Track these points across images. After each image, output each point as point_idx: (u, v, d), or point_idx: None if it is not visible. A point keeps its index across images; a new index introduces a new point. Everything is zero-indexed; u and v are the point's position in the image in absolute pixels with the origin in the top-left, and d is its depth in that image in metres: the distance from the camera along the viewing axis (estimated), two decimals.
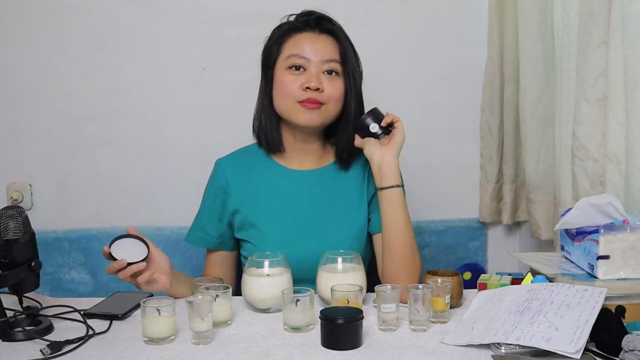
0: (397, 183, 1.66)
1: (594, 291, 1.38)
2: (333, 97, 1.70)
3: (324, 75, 1.70)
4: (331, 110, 1.72)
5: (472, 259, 2.62)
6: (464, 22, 2.50)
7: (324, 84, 1.69)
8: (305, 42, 1.71)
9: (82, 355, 1.32)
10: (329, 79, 1.70)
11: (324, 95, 1.69)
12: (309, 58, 1.69)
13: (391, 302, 1.42)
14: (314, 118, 1.69)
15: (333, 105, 1.71)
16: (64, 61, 2.45)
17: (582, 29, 1.80)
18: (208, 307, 1.36)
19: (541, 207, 2.27)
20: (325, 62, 1.70)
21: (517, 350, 1.29)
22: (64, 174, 2.51)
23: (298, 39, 1.72)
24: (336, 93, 1.71)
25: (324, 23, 1.74)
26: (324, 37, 1.73)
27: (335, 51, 1.72)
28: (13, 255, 1.39)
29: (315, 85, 1.67)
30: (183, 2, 2.45)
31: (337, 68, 1.71)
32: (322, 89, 1.68)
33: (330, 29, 1.74)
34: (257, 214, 1.75)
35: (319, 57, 1.70)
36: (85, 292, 2.52)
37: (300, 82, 1.68)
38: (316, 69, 1.69)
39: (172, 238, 2.53)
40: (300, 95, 1.68)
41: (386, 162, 1.65)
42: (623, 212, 1.52)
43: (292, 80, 1.69)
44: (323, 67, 1.70)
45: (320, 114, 1.70)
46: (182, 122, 2.49)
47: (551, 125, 2.18)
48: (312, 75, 1.69)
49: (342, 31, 1.76)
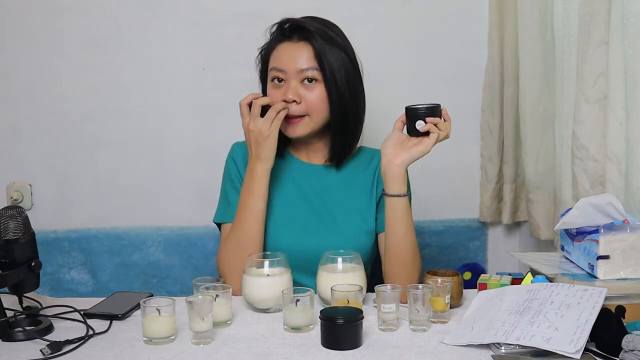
0: (401, 192, 1.63)
1: (594, 291, 1.38)
2: (313, 105, 1.69)
3: (303, 84, 1.69)
4: (316, 118, 1.71)
5: (472, 259, 2.61)
6: (464, 22, 2.50)
7: (302, 93, 1.69)
8: (282, 53, 1.71)
9: (82, 355, 1.32)
10: (308, 87, 1.69)
11: (301, 107, 1.69)
12: (285, 70, 1.69)
13: (391, 302, 1.42)
14: (298, 131, 1.71)
15: (316, 114, 1.70)
16: (64, 61, 2.45)
17: (582, 29, 1.80)
18: (208, 307, 1.36)
19: (541, 207, 2.27)
20: (300, 71, 1.68)
21: (517, 350, 1.29)
22: (64, 174, 2.51)
23: (278, 51, 1.73)
24: (316, 101, 1.69)
25: (299, 30, 1.71)
26: (299, 45, 1.70)
27: (311, 57, 1.69)
28: (13, 255, 1.39)
29: (291, 97, 1.67)
30: (183, 2, 2.45)
31: (316, 75, 1.69)
32: (299, 101, 1.68)
33: (305, 36, 1.70)
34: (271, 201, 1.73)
35: (293, 67, 1.68)
36: (85, 292, 2.52)
37: (281, 93, 1.69)
38: (294, 80, 1.69)
39: (172, 238, 2.53)
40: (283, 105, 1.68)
41: (391, 169, 1.62)
42: (623, 212, 1.52)
43: (275, 92, 1.71)
44: (300, 76, 1.69)
45: (304, 125, 1.70)
46: (182, 122, 2.49)
47: (551, 125, 2.19)
48: (289, 87, 1.68)
49: (321, 33, 1.70)
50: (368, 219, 1.76)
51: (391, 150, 1.63)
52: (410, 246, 1.66)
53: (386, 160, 1.63)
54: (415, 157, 1.62)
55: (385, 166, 1.63)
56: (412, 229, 1.66)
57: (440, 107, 1.63)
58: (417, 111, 1.60)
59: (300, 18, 1.74)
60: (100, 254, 2.53)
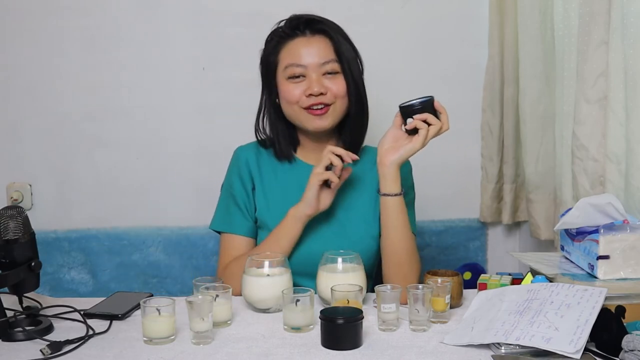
0: (392, 192, 1.63)
1: (594, 291, 1.38)
2: (339, 95, 1.70)
3: (325, 76, 1.70)
4: (339, 109, 1.71)
5: (472, 259, 2.62)
6: (464, 22, 2.50)
7: (327, 84, 1.69)
8: (300, 48, 1.70)
9: (82, 355, 1.32)
10: (331, 78, 1.70)
11: (329, 97, 1.69)
12: (306, 64, 1.69)
13: (391, 302, 1.42)
14: (323, 123, 1.70)
15: (340, 103, 1.71)
16: (64, 61, 2.45)
17: (582, 29, 1.80)
18: (208, 307, 1.36)
19: (541, 207, 2.27)
20: (323, 64, 1.69)
21: (517, 350, 1.29)
22: (64, 174, 2.51)
23: (292, 47, 1.71)
24: (340, 91, 1.70)
25: (314, 24, 1.72)
26: (316, 39, 1.71)
27: (330, 50, 1.70)
28: (13, 255, 1.39)
29: (318, 90, 1.67)
30: (183, 2, 2.45)
31: (336, 67, 1.70)
32: (325, 92, 1.68)
33: (321, 29, 1.72)
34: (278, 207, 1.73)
35: (315, 60, 1.69)
36: (85, 292, 2.52)
37: (302, 89, 1.68)
38: (316, 74, 1.69)
39: (172, 238, 2.53)
40: (305, 102, 1.68)
41: (382, 167, 1.63)
42: (623, 212, 1.52)
43: (294, 88, 1.69)
44: (322, 69, 1.69)
45: (329, 117, 1.70)
46: (182, 122, 2.49)
47: (551, 125, 2.19)
48: (312, 80, 1.68)
49: (334, 27, 1.73)
50: (374, 223, 1.75)
51: (384, 149, 1.63)
52: (405, 246, 1.65)
53: (379, 159, 1.64)
54: (405, 156, 1.61)
55: (378, 165, 1.64)
56: (406, 230, 1.65)
57: (433, 99, 1.61)
58: (407, 109, 1.59)
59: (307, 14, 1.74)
60: (100, 254, 2.53)
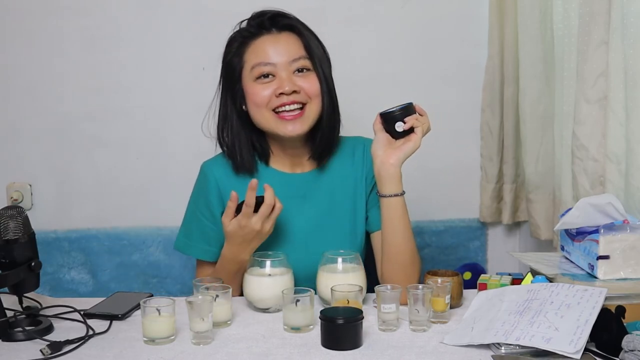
0: (396, 192, 1.60)
1: (594, 291, 1.38)
2: (312, 93, 1.63)
3: (296, 74, 1.62)
4: (314, 109, 1.64)
5: (472, 259, 2.62)
6: (464, 22, 2.50)
7: (299, 83, 1.61)
8: (267, 46, 1.62)
9: (82, 355, 1.32)
10: (302, 76, 1.63)
11: (303, 96, 1.62)
12: (275, 62, 1.60)
13: (391, 302, 1.42)
14: (297, 128, 1.62)
15: (315, 102, 1.64)
16: (64, 61, 2.45)
17: (582, 29, 1.80)
18: (208, 307, 1.36)
19: (541, 207, 2.27)
20: (292, 61, 1.61)
21: (517, 350, 1.29)
22: (64, 174, 2.51)
23: (258, 45, 1.63)
24: (314, 89, 1.63)
25: (280, 20, 1.64)
26: (284, 35, 1.63)
27: (300, 47, 1.63)
28: (13, 255, 1.39)
29: (289, 88, 1.59)
30: (183, 2, 2.45)
31: (307, 64, 1.63)
32: (298, 90, 1.61)
33: (288, 24, 1.64)
34: None
35: (284, 58, 1.61)
36: (85, 292, 2.52)
37: (272, 88, 1.60)
38: (286, 72, 1.61)
39: (172, 238, 2.50)
40: (275, 102, 1.61)
41: (385, 168, 1.59)
42: (623, 212, 1.52)
43: (262, 89, 1.61)
44: (292, 67, 1.61)
45: (304, 120, 1.63)
46: (182, 122, 2.49)
47: (551, 125, 2.19)
48: (283, 79, 1.60)
49: (301, 23, 1.66)
50: (357, 221, 1.73)
51: (382, 152, 1.59)
52: (410, 247, 1.63)
53: (379, 162, 1.59)
54: (408, 154, 1.59)
55: (380, 167, 1.60)
56: (409, 230, 1.63)
57: (412, 105, 1.61)
58: (393, 114, 1.59)
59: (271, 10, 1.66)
60: (100, 254, 2.53)
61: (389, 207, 1.61)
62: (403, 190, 1.62)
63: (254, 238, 1.58)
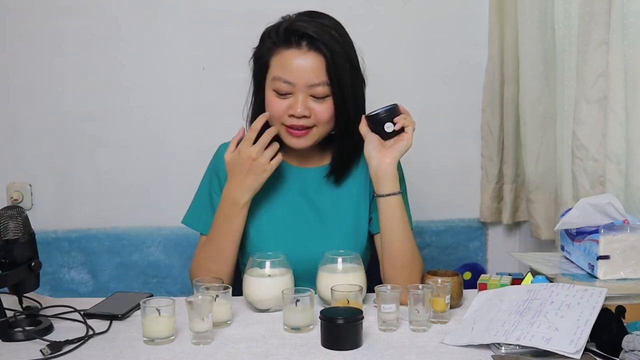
0: (394, 191, 1.61)
1: (594, 291, 1.38)
2: (321, 120, 1.64)
3: (311, 98, 1.63)
4: (320, 132, 1.66)
5: (472, 259, 2.62)
6: (464, 22, 2.50)
7: (312, 106, 1.63)
8: (291, 63, 1.61)
9: (82, 355, 1.32)
10: (317, 102, 1.64)
11: (311, 120, 1.64)
12: (294, 82, 1.61)
13: (391, 302, 1.42)
14: (301, 143, 1.66)
15: (322, 127, 1.66)
16: (64, 61, 2.45)
17: (582, 29, 1.80)
18: (208, 307, 1.36)
19: (541, 207, 2.27)
20: (311, 86, 1.61)
21: (517, 350, 1.29)
22: (64, 174, 2.51)
23: (284, 58, 1.62)
24: (324, 116, 1.64)
25: (312, 40, 1.61)
26: (310, 56, 1.61)
27: (322, 72, 1.61)
28: (13, 255, 1.39)
29: (301, 113, 1.61)
30: (183, 2, 2.45)
31: (325, 91, 1.63)
32: (309, 115, 1.63)
33: (314, 44, 1.61)
34: (258, 207, 1.71)
35: (303, 81, 1.61)
36: (85, 292, 2.52)
37: (287, 105, 1.62)
38: (303, 94, 1.61)
39: (172, 238, 2.53)
40: (287, 120, 1.63)
41: (383, 168, 1.60)
42: (623, 212, 1.52)
43: (278, 102, 1.63)
44: (309, 91, 1.61)
45: (308, 138, 1.66)
46: (182, 122, 2.49)
47: (551, 125, 2.19)
48: (298, 101, 1.61)
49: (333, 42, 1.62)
50: (361, 221, 1.74)
51: (376, 152, 1.61)
52: (409, 246, 1.64)
53: (375, 162, 1.61)
54: (403, 152, 1.62)
55: (377, 168, 1.61)
56: (408, 228, 1.64)
57: (397, 106, 1.63)
58: (380, 116, 1.61)
59: (304, 19, 1.65)
60: (100, 254, 2.53)
61: (387, 206, 1.62)
62: (400, 190, 1.63)
63: (249, 170, 1.62)
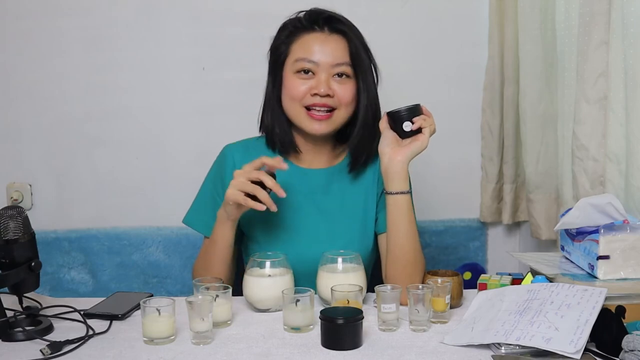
0: (403, 189, 1.61)
1: (594, 291, 1.38)
2: (344, 101, 1.65)
3: (334, 78, 1.65)
4: (342, 115, 1.67)
5: (472, 259, 2.62)
6: (464, 22, 2.50)
7: (335, 87, 1.65)
8: (314, 44, 1.65)
9: (82, 355, 1.32)
10: (340, 82, 1.65)
11: (334, 100, 1.65)
12: (318, 62, 1.63)
13: (391, 302, 1.42)
14: (323, 128, 1.65)
15: (344, 110, 1.67)
16: (64, 61, 2.45)
17: (582, 29, 1.80)
18: (208, 307, 1.36)
19: (541, 207, 2.27)
20: (335, 65, 1.64)
21: (517, 350, 1.29)
22: (64, 174, 2.51)
23: (306, 41, 1.66)
24: (347, 97, 1.66)
25: (334, 22, 1.67)
26: (333, 38, 1.66)
27: (346, 53, 1.66)
28: (13, 255, 1.39)
29: (324, 91, 1.62)
30: (183, 2, 2.45)
31: (348, 71, 1.66)
32: (332, 94, 1.64)
33: (340, 29, 1.66)
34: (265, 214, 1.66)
35: (328, 60, 1.63)
36: (85, 292, 2.52)
37: (309, 85, 1.64)
38: (326, 74, 1.64)
39: (172, 238, 2.53)
40: (308, 100, 1.64)
41: (393, 166, 1.60)
42: (623, 212, 1.52)
43: (300, 83, 1.64)
44: (333, 70, 1.64)
45: (330, 123, 1.66)
46: (182, 122, 2.50)
47: (551, 125, 2.19)
48: (321, 80, 1.63)
49: (354, 30, 1.69)
50: (368, 222, 1.74)
51: (390, 149, 1.61)
52: (413, 246, 1.63)
53: (387, 159, 1.61)
54: (416, 152, 1.60)
55: (387, 164, 1.61)
56: (414, 228, 1.64)
57: (420, 106, 1.63)
58: (401, 114, 1.60)
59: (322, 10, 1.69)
60: (100, 254, 2.53)
61: (394, 204, 1.62)
62: (409, 189, 1.63)
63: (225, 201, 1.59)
